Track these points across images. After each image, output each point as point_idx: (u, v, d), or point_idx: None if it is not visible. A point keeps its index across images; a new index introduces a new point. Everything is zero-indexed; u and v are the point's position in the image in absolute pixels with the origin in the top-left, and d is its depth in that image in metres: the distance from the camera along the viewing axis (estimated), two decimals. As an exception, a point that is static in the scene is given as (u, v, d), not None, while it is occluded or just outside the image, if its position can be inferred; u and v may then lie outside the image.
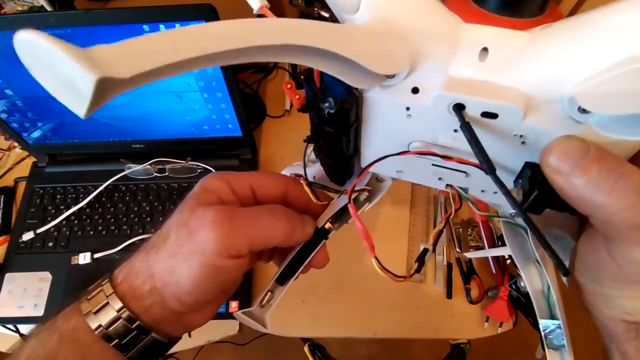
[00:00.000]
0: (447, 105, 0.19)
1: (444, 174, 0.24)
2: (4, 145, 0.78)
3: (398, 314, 0.61)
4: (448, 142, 0.21)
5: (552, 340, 0.24)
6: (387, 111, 0.21)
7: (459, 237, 0.63)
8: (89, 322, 0.24)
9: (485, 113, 0.18)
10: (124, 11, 0.53)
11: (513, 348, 1.27)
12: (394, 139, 0.23)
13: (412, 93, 0.20)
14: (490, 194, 0.24)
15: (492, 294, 0.59)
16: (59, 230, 0.67)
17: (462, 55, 0.18)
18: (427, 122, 0.21)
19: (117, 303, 0.24)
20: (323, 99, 0.20)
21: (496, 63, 0.18)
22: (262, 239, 0.25)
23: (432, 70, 0.19)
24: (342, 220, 0.29)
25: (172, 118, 0.66)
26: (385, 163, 0.24)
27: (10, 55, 0.56)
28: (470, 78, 0.18)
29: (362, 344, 1.31)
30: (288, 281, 0.29)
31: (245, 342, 1.21)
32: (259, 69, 0.81)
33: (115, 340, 0.24)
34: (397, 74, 0.19)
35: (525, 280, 0.26)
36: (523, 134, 0.19)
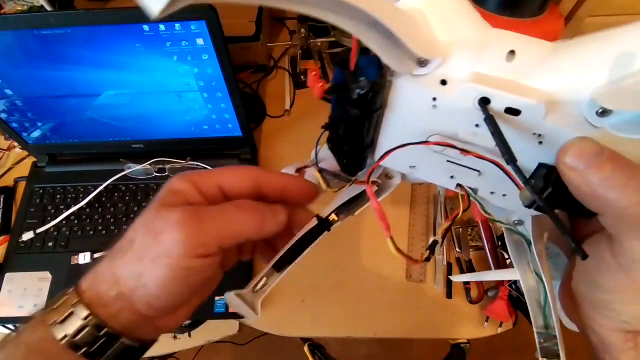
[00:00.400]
0: (474, 98, 0.20)
1: (457, 172, 0.25)
2: (4, 145, 0.78)
3: (398, 314, 0.61)
4: (468, 137, 0.22)
5: (547, 350, 0.24)
6: (414, 100, 0.22)
7: (459, 237, 0.63)
8: (55, 333, 0.23)
9: (509, 109, 0.19)
10: (124, 11, 0.53)
11: (513, 348, 1.27)
12: (414, 130, 0.23)
13: (440, 84, 0.21)
14: (499, 197, 0.25)
15: (492, 294, 0.59)
16: (59, 230, 0.67)
17: (491, 55, 0.20)
18: (451, 115, 0.21)
19: (83, 311, 0.24)
20: (356, 80, 0.21)
21: (522, 65, 0.19)
22: (231, 235, 0.25)
23: (462, 65, 0.20)
24: (349, 212, 0.29)
25: (172, 118, 0.66)
26: (400, 157, 0.24)
27: (10, 55, 0.56)
28: (498, 76, 0.20)
29: (362, 344, 1.31)
30: (285, 269, 0.28)
31: (245, 342, 1.21)
32: (258, 69, 0.81)
33: (84, 349, 0.23)
34: (430, 64, 0.20)
35: (524, 288, 0.26)
36: (542, 133, 0.20)
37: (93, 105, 0.63)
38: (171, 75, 0.59)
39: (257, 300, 0.28)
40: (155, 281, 0.23)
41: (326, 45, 0.83)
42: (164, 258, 0.23)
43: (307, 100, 0.79)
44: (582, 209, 0.19)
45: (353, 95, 0.21)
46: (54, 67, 0.58)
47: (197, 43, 0.55)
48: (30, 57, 0.56)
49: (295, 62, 0.81)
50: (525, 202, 0.21)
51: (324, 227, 0.28)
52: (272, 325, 0.61)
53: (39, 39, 0.54)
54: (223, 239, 0.24)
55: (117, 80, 0.60)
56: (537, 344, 0.24)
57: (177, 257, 0.23)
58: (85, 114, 0.65)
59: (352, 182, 0.29)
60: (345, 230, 0.68)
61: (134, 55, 0.56)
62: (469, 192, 0.25)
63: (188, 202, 0.26)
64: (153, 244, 0.23)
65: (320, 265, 0.64)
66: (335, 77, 0.23)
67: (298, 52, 0.80)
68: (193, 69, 0.59)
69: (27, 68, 0.58)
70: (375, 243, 0.65)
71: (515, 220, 0.26)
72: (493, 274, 0.48)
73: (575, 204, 0.19)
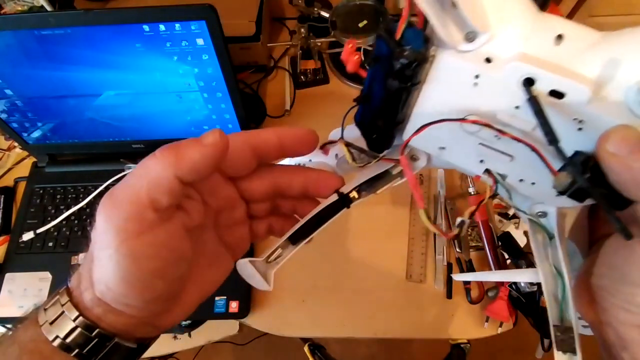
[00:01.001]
0: (519, 78, 0.20)
1: (487, 157, 0.24)
2: (4, 145, 0.78)
3: (398, 314, 0.61)
4: (505, 119, 0.22)
5: (562, 345, 0.24)
6: (455, 76, 0.22)
7: (459, 237, 0.64)
8: (46, 334, 0.23)
9: (553, 91, 0.19)
10: (124, 11, 0.53)
11: (513, 348, 1.27)
12: (451, 108, 0.23)
13: (485, 62, 0.21)
14: (527, 185, 0.24)
15: (492, 294, 0.59)
16: (59, 230, 0.67)
17: (539, 37, 0.20)
18: (492, 94, 0.21)
19: (73, 312, 0.23)
20: (401, 48, 0.21)
21: (569, 50, 0.19)
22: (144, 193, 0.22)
23: (510, 44, 0.20)
24: (371, 189, 0.29)
25: (172, 118, 0.66)
26: (432, 136, 0.24)
27: (10, 55, 0.56)
28: (544, 59, 0.20)
29: (362, 344, 1.31)
30: (300, 242, 0.28)
31: (245, 342, 1.21)
32: (258, 69, 0.81)
33: (76, 350, 0.23)
34: (477, 40, 0.20)
35: (542, 280, 0.26)
36: (583, 119, 0.20)
37: (93, 105, 0.63)
38: (171, 75, 0.59)
39: (270, 270, 0.27)
40: (111, 280, 0.22)
41: (326, 45, 0.83)
42: (106, 250, 0.21)
43: (307, 100, 0.79)
44: (616, 198, 0.19)
45: (396, 64, 0.21)
46: (54, 67, 0.58)
47: (197, 43, 0.55)
48: (30, 57, 0.56)
49: (295, 62, 0.81)
50: (560, 187, 0.20)
51: (343, 203, 0.28)
52: (272, 325, 0.61)
53: (39, 39, 0.54)
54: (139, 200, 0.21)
55: (117, 80, 0.60)
56: (552, 337, 0.24)
57: (114, 245, 0.21)
58: (85, 114, 0.65)
59: (379, 158, 0.28)
60: (345, 230, 0.68)
61: (134, 55, 0.56)
62: (497, 178, 0.25)
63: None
64: (96, 241, 0.22)
65: (320, 265, 0.64)
66: (378, 48, 0.22)
67: (298, 52, 0.80)
68: (193, 69, 0.59)
69: (27, 68, 0.58)
70: (375, 243, 0.65)
71: (539, 212, 0.26)
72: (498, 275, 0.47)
73: (610, 193, 0.19)
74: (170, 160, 0.22)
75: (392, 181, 0.29)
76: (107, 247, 0.21)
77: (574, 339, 0.24)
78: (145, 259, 0.22)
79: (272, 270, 0.27)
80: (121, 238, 0.21)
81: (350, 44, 0.24)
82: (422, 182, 0.69)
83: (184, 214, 0.24)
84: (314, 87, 0.80)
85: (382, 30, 0.22)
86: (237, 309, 0.60)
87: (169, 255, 0.23)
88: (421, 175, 0.69)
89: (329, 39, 0.80)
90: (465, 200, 0.64)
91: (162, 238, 0.22)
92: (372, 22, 0.72)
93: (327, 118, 0.80)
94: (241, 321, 0.62)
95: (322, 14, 0.76)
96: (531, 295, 0.54)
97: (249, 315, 0.61)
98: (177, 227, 0.23)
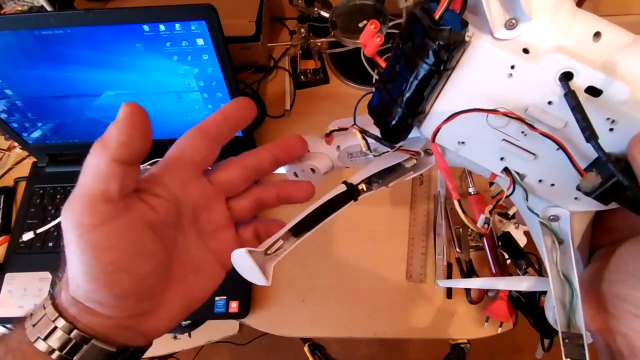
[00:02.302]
0: (556, 72, 0.19)
1: (508, 154, 0.23)
2: (4, 145, 0.78)
3: (398, 314, 0.61)
4: (536, 114, 0.21)
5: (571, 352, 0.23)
6: (491, 65, 0.21)
7: (458, 237, 0.63)
8: (29, 335, 0.23)
9: (590, 88, 0.19)
10: (124, 11, 0.53)
11: (513, 348, 1.27)
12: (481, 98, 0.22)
13: (522, 52, 0.20)
14: (546, 185, 0.24)
15: (492, 294, 0.59)
16: (59, 230, 0.67)
17: (578, 31, 0.19)
18: (526, 87, 0.21)
19: (53, 314, 0.23)
20: (438, 29, 0.20)
21: (607, 47, 0.19)
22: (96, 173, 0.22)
23: (549, 36, 0.20)
24: (382, 182, 0.27)
25: (172, 118, 0.66)
26: (453, 129, 0.23)
27: (10, 55, 0.56)
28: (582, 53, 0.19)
29: (362, 344, 1.31)
30: (302, 235, 0.26)
31: (245, 342, 1.21)
32: (258, 69, 0.81)
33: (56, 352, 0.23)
34: (517, 28, 0.20)
35: (551, 285, 0.25)
36: (616, 119, 0.19)
37: (93, 105, 0.63)
38: (171, 75, 0.59)
39: (270, 264, 0.25)
40: (77, 275, 0.22)
41: (326, 45, 0.83)
42: (69, 246, 0.22)
43: (307, 100, 0.79)
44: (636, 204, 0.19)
45: (431, 45, 0.20)
46: (54, 67, 0.58)
47: (197, 43, 0.55)
48: (30, 57, 0.56)
49: (295, 62, 0.81)
50: (588, 188, 0.20)
51: (350, 195, 0.26)
52: (272, 325, 0.61)
53: (39, 39, 0.54)
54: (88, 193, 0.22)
55: (117, 80, 0.60)
56: (561, 344, 0.23)
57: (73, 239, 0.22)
58: (85, 114, 0.65)
59: (397, 148, 0.26)
60: (345, 230, 0.68)
61: (134, 55, 0.56)
62: (515, 178, 0.24)
63: None
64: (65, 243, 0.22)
65: (320, 265, 0.64)
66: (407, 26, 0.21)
67: (298, 52, 0.80)
68: (193, 69, 0.59)
69: (27, 68, 0.58)
70: (375, 243, 0.65)
71: (551, 216, 0.25)
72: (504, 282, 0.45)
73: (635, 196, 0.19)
74: (99, 147, 0.22)
75: (405, 174, 0.28)
76: (69, 243, 0.22)
77: (583, 346, 0.23)
78: (103, 250, 0.22)
79: (272, 264, 0.25)
80: (79, 233, 0.22)
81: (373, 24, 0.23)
82: (422, 182, 0.69)
83: (145, 207, 0.24)
84: (314, 87, 0.80)
85: (417, 8, 0.20)
86: (237, 309, 0.60)
87: (128, 247, 0.23)
88: (421, 176, 0.69)
89: (329, 39, 0.80)
90: (466, 200, 0.64)
91: (118, 229, 0.22)
92: (372, 22, 0.72)
93: (327, 118, 0.79)
94: (241, 321, 0.62)
95: (322, 14, 0.76)
96: (531, 296, 0.54)
97: (249, 315, 0.61)
98: (136, 218, 0.23)
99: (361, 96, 0.27)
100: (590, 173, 0.20)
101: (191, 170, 0.26)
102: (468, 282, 0.57)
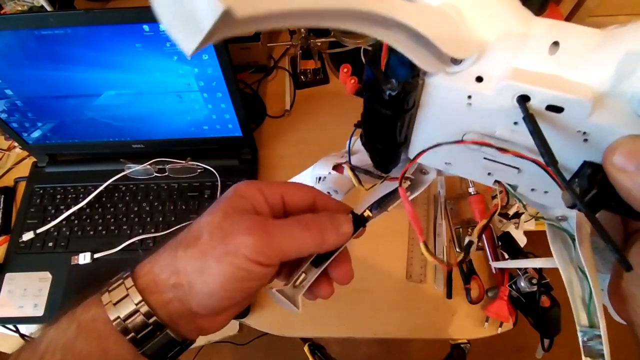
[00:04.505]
0: (512, 96, 0.19)
1: (494, 169, 0.24)
2: (4, 145, 0.78)
3: (398, 314, 0.61)
4: (506, 135, 0.21)
5: (590, 349, 0.23)
6: (448, 98, 0.21)
7: (459, 237, 0.63)
8: (108, 313, 0.24)
9: (550, 106, 0.18)
10: (124, 11, 0.53)
11: (513, 348, 1.27)
12: (449, 128, 0.22)
13: (476, 81, 0.20)
14: (540, 193, 0.24)
15: (492, 294, 0.59)
16: (59, 230, 0.67)
17: (532, 47, 0.18)
18: (487, 113, 0.20)
19: (136, 296, 0.25)
20: (386, 80, 0.20)
21: (566, 58, 0.18)
22: (293, 250, 0.26)
23: (500, 60, 0.19)
24: (382, 208, 0.30)
25: (172, 118, 0.66)
26: (435, 154, 0.24)
27: (10, 55, 0.56)
28: (539, 71, 0.18)
29: (362, 344, 1.31)
30: (322, 265, 0.29)
31: (245, 342, 1.21)
32: (258, 69, 0.81)
33: (132, 334, 0.24)
34: (464, 61, 0.19)
35: (566, 284, 0.25)
36: (587, 131, 0.19)
37: (93, 105, 0.63)
38: (171, 75, 0.59)
39: (298, 294, 0.29)
40: (216, 277, 0.24)
41: (326, 45, 0.83)
42: (230, 256, 0.24)
43: (307, 100, 0.79)
44: (630, 210, 0.18)
45: (384, 95, 0.21)
46: (54, 67, 0.58)
47: (197, 43, 0.55)
48: (30, 57, 0.56)
49: (295, 62, 0.81)
50: (568, 203, 0.19)
51: (359, 223, 0.29)
52: (272, 325, 0.61)
53: (39, 39, 0.54)
54: (285, 253, 0.25)
55: (117, 80, 0.60)
56: (580, 342, 0.23)
57: (242, 258, 0.24)
58: (85, 114, 0.65)
59: (384, 180, 0.29)
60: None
61: (134, 55, 0.56)
62: (508, 189, 0.24)
63: (254, 208, 0.27)
64: (220, 243, 0.24)
65: (320, 265, 0.64)
66: (366, 75, 0.22)
67: (298, 52, 0.80)
68: (193, 69, 0.59)
69: (27, 68, 0.58)
70: (375, 243, 0.65)
71: (559, 216, 0.25)
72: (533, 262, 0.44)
73: (623, 205, 0.18)
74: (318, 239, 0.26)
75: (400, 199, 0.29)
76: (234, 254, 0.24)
77: (602, 344, 0.22)
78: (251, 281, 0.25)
79: (299, 295, 0.29)
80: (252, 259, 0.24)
81: (345, 68, 0.24)
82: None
83: None
84: (314, 87, 0.80)
85: (370, 58, 0.21)
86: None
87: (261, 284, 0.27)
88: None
89: (329, 39, 0.80)
90: (466, 200, 0.64)
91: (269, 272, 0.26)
92: (372, 22, 0.72)
93: (327, 118, 0.80)
94: (241, 321, 0.62)
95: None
96: (531, 295, 0.54)
97: (249, 315, 0.61)
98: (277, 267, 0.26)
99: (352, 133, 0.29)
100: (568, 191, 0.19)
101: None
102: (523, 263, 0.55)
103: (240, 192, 0.27)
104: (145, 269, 0.26)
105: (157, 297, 0.25)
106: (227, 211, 0.26)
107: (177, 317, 0.25)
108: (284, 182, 0.30)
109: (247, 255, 0.24)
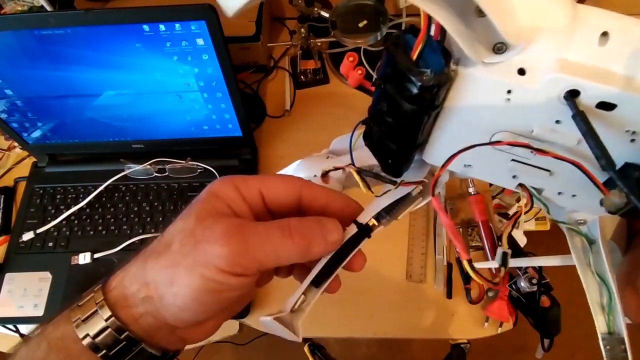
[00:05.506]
0: (559, 91, 0.17)
1: (521, 172, 0.22)
2: (4, 145, 0.78)
3: (398, 314, 0.61)
4: (544, 135, 0.19)
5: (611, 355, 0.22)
6: (484, 92, 0.19)
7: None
8: (77, 331, 0.23)
9: (602, 103, 0.17)
10: (124, 11, 0.53)
11: (513, 348, 1.27)
12: (480, 126, 0.20)
13: (518, 74, 0.18)
14: (567, 197, 0.22)
15: (492, 294, 0.59)
16: (59, 230, 0.67)
17: (580, 38, 0.17)
18: (527, 110, 0.18)
19: (105, 312, 0.23)
20: (418, 71, 0.18)
21: (617, 50, 0.17)
22: (272, 259, 0.23)
23: (546, 51, 0.17)
24: (392, 216, 0.26)
25: (172, 118, 0.66)
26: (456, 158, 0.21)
27: (10, 55, 0.56)
28: (588, 64, 0.17)
29: (362, 344, 1.31)
30: (323, 283, 0.25)
31: (245, 342, 1.21)
32: (258, 69, 0.81)
33: (103, 351, 0.23)
34: (508, 50, 0.17)
35: (585, 289, 0.24)
36: (637, 130, 0.17)
37: (93, 105, 0.63)
38: (171, 75, 0.59)
39: (297, 320, 0.25)
40: (187, 289, 0.22)
41: (326, 45, 0.83)
42: (200, 267, 0.22)
43: (307, 100, 0.79)
44: None
45: (413, 88, 0.18)
46: (54, 67, 0.58)
47: (197, 43, 0.55)
48: (30, 57, 0.56)
49: (295, 62, 0.81)
50: (612, 208, 0.18)
51: (363, 233, 0.26)
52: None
53: (39, 39, 0.54)
54: (262, 263, 0.23)
55: (117, 80, 0.60)
56: (602, 349, 0.22)
57: (214, 270, 0.21)
58: (85, 114, 0.65)
59: (399, 185, 0.25)
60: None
61: (134, 55, 0.56)
62: (532, 193, 0.22)
63: (231, 209, 0.24)
64: (191, 252, 0.22)
65: (320, 265, 0.64)
66: (385, 64, 0.19)
67: (298, 52, 0.80)
68: (193, 69, 0.59)
69: (27, 68, 0.58)
70: (375, 243, 0.65)
71: (579, 220, 0.24)
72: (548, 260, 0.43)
73: None
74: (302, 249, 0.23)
75: (413, 204, 0.26)
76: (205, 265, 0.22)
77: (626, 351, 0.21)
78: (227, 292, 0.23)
79: (299, 321, 0.25)
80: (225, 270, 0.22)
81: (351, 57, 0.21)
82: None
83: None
84: (314, 87, 0.80)
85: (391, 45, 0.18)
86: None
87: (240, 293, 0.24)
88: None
89: (329, 39, 0.80)
90: (466, 200, 0.64)
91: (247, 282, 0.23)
92: (372, 22, 0.72)
93: (327, 118, 0.80)
94: (241, 321, 0.62)
95: (322, 14, 0.76)
96: (531, 295, 0.54)
97: (249, 315, 0.61)
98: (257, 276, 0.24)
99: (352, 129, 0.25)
100: (613, 192, 0.18)
101: None
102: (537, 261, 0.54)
103: (215, 191, 0.24)
104: (116, 281, 0.24)
105: (128, 312, 0.23)
106: (201, 215, 0.23)
107: (154, 331, 0.23)
108: (262, 175, 0.26)
109: (219, 267, 0.21)
